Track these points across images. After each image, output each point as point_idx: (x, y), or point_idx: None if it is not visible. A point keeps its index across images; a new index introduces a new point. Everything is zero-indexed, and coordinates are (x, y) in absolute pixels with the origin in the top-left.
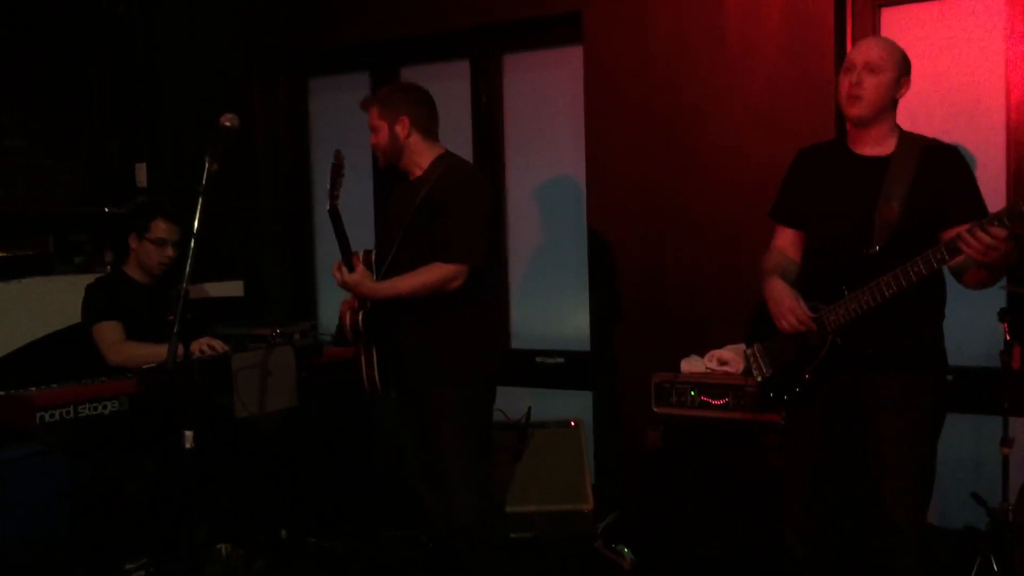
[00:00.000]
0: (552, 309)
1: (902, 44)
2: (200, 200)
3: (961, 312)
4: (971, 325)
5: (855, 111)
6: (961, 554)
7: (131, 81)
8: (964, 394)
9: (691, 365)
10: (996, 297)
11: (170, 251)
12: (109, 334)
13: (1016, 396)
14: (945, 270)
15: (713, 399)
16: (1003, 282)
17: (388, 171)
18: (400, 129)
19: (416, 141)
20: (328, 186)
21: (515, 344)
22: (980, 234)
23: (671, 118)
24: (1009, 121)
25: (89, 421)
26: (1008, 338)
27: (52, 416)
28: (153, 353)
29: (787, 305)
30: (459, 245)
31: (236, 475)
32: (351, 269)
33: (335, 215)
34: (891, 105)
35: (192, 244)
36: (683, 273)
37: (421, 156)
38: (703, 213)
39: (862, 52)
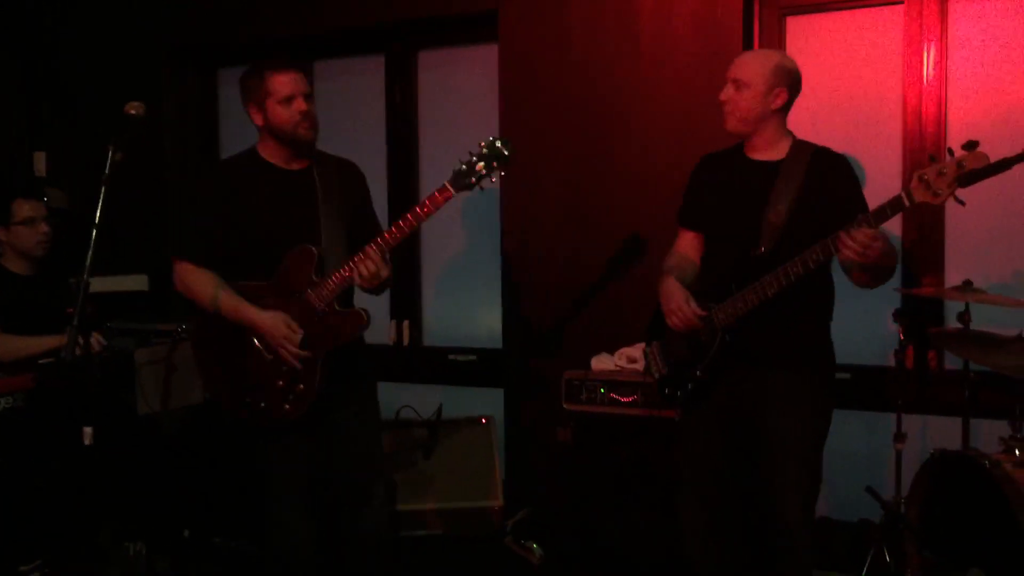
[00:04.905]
0: (465, 307)
1: (807, 53)
2: (103, 190)
3: (857, 312)
4: (866, 325)
5: (726, 125)
6: (856, 546)
7: (32, 69)
8: (859, 391)
9: (601, 363)
10: (891, 298)
11: (44, 227)
12: None
13: (909, 394)
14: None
15: (622, 396)
16: (897, 283)
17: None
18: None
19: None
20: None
21: (427, 341)
22: (845, 237)
23: (586, 118)
24: (906, 130)
25: None
26: (903, 338)
27: None
28: (31, 344)
29: (676, 303)
30: None
31: (138, 473)
32: None
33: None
34: (769, 114)
35: (94, 235)
36: (595, 272)
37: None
38: (616, 213)
39: (732, 68)
